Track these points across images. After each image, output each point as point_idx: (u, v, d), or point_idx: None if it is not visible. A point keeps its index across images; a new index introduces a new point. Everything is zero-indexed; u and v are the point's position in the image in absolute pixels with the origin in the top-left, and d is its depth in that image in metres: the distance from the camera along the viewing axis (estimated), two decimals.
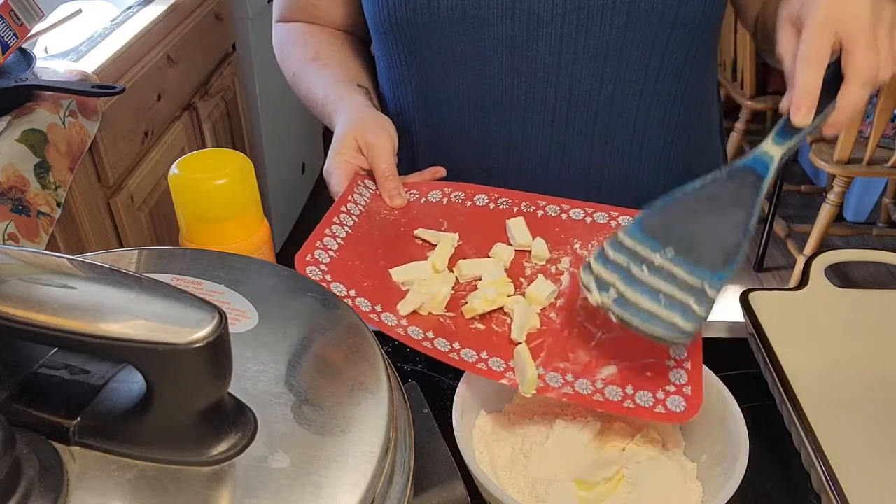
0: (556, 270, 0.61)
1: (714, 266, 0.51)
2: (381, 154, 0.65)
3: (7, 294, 0.28)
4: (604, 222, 0.64)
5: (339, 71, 0.75)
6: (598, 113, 0.68)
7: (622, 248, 0.53)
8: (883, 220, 2.38)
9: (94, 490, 0.28)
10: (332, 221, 0.63)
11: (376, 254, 0.61)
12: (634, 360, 0.53)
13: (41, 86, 1.09)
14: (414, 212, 0.66)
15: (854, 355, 0.63)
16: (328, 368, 0.35)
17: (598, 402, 0.51)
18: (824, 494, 0.51)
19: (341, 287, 0.56)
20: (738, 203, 0.53)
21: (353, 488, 0.29)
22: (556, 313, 0.57)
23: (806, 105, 0.52)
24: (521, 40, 0.65)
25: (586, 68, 0.66)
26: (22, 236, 1.01)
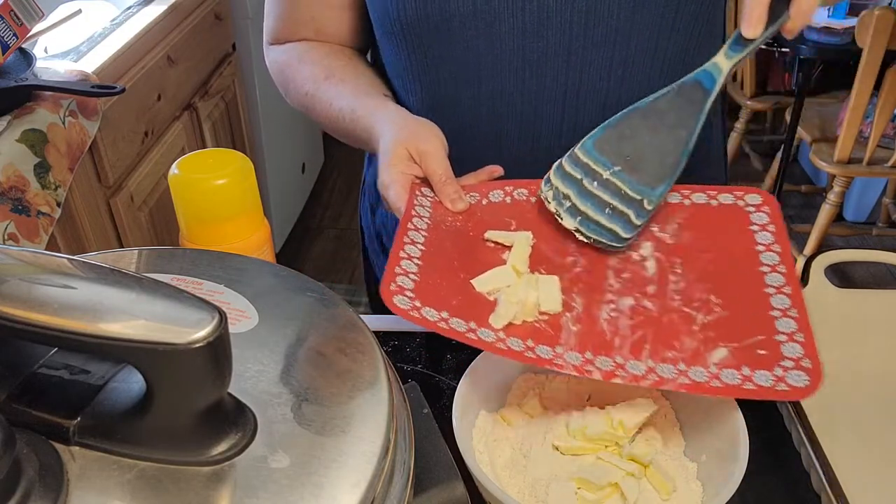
0: (640, 257, 0.60)
1: (653, 182, 0.58)
2: (435, 159, 0.63)
3: (7, 294, 0.28)
4: (676, 202, 0.62)
5: (360, 84, 0.73)
6: (608, 97, 0.69)
7: (578, 163, 0.60)
8: (883, 220, 2.38)
9: (94, 490, 0.28)
10: (403, 241, 0.58)
11: (454, 266, 0.58)
12: (742, 339, 0.52)
13: (41, 86, 1.09)
14: (479, 215, 0.63)
15: (854, 355, 0.63)
16: (328, 368, 0.35)
17: (717, 389, 0.49)
18: (824, 494, 0.51)
19: (433, 312, 0.52)
20: (683, 120, 0.58)
21: (353, 488, 0.29)
22: (650, 301, 0.55)
23: (756, 16, 0.54)
24: (531, 31, 0.65)
25: (596, 54, 0.66)
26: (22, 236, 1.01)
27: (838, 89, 2.28)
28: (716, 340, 0.52)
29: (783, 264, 0.56)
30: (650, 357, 0.51)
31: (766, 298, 0.54)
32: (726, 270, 0.57)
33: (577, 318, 0.54)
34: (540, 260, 0.60)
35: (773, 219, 0.60)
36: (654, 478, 0.50)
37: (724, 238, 0.60)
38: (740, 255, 0.58)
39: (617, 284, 0.57)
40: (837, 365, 0.62)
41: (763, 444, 0.58)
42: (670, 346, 0.52)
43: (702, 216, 0.61)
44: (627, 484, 0.49)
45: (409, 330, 0.70)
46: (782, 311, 0.53)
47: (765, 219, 0.60)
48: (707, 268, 0.58)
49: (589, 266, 0.59)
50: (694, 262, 0.58)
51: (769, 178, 2.36)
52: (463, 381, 0.54)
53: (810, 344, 0.51)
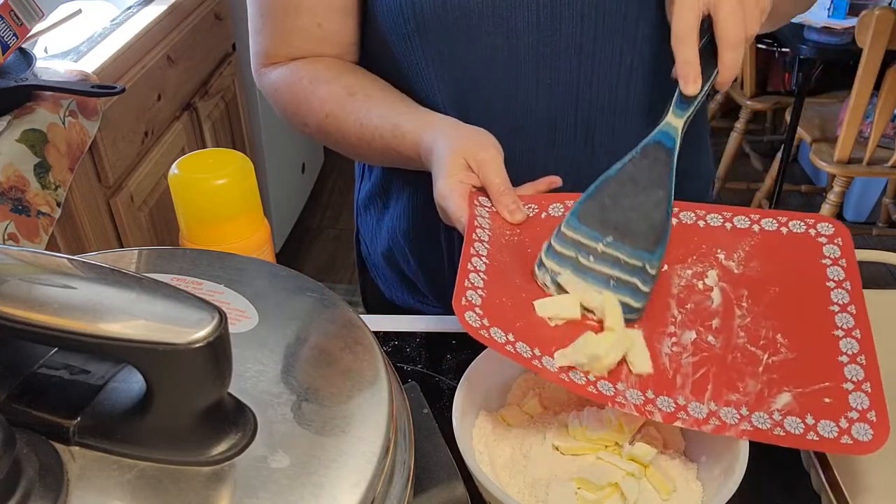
0: (704, 286, 0.57)
1: (648, 245, 0.57)
2: (493, 169, 0.61)
3: (7, 294, 0.28)
4: (744, 227, 0.59)
5: (391, 98, 0.71)
6: (619, 86, 0.70)
7: (567, 240, 0.57)
8: (883, 220, 2.38)
9: (94, 490, 0.28)
10: (470, 254, 0.56)
11: (516, 284, 0.56)
12: (808, 385, 0.50)
13: (41, 86, 1.09)
14: (537, 229, 0.61)
15: None
16: (328, 368, 0.35)
17: (779, 437, 0.48)
18: (824, 494, 0.51)
19: (500, 333, 0.51)
20: (656, 181, 0.59)
21: (353, 488, 0.29)
22: (714, 336, 0.53)
23: (691, 77, 0.58)
24: (545, 24, 0.66)
25: (606, 45, 0.68)
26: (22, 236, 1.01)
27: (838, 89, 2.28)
28: (780, 384, 0.50)
29: (854, 304, 0.54)
30: (712, 399, 0.50)
31: (835, 342, 0.52)
32: (795, 307, 0.54)
33: None
34: None
35: (844, 253, 0.56)
36: (654, 478, 0.50)
37: (794, 270, 0.56)
38: (810, 292, 0.55)
39: (680, 316, 0.55)
40: None
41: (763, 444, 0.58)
42: (734, 387, 0.50)
43: (771, 244, 0.58)
44: (627, 484, 0.49)
45: (409, 330, 0.70)
46: (850, 357, 0.51)
47: (837, 252, 0.57)
48: (775, 303, 0.55)
49: (651, 294, 0.56)
50: (761, 296, 0.55)
51: (769, 178, 2.37)
52: (463, 381, 0.54)
53: (878, 395, 0.48)
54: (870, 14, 1.72)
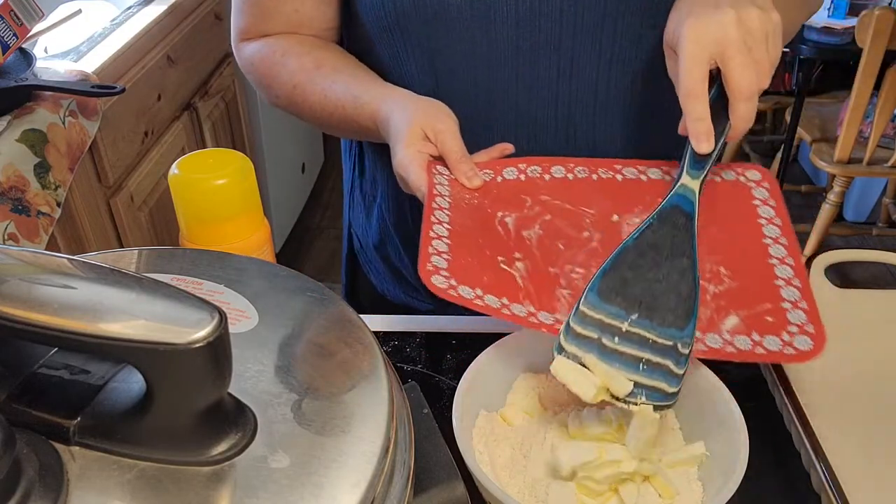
0: None
1: (678, 322, 0.52)
2: (450, 138, 0.64)
3: (7, 294, 0.28)
4: None
5: (357, 72, 0.72)
6: (598, 82, 0.70)
7: (587, 320, 0.52)
8: (883, 220, 2.38)
9: (94, 490, 0.28)
10: (431, 221, 0.59)
11: (479, 244, 0.59)
12: (751, 307, 0.55)
13: (41, 86, 1.09)
14: (494, 192, 0.64)
15: (854, 355, 0.63)
16: (328, 368, 0.35)
17: (732, 354, 0.52)
18: (824, 494, 0.51)
19: (468, 290, 0.54)
20: (678, 248, 0.55)
21: (353, 488, 0.29)
22: None
23: (703, 134, 0.56)
24: (524, 19, 0.67)
25: (585, 40, 0.68)
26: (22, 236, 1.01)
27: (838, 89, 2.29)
28: (727, 309, 0.55)
29: (784, 237, 0.59)
30: None
31: (770, 269, 0.57)
32: (733, 243, 0.60)
33: None
34: (557, 236, 0.60)
35: (773, 194, 0.63)
36: (656, 480, 0.50)
37: (729, 212, 0.62)
38: (745, 229, 0.61)
39: None
40: (837, 365, 0.62)
41: (763, 444, 0.58)
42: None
43: (707, 192, 0.62)
44: (627, 490, 0.49)
45: (409, 330, 0.70)
46: (786, 281, 0.56)
47: (765, 194, 0.63)
48: (715, 241, 0.59)
49: (604, 241, 0.59)
50: (702, 236, 0.58)
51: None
52: (463, 381, 0.54)
53: (813, 311, 0.54)
54: (870, 14, 1.72)
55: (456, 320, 0.72)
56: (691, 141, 0.56)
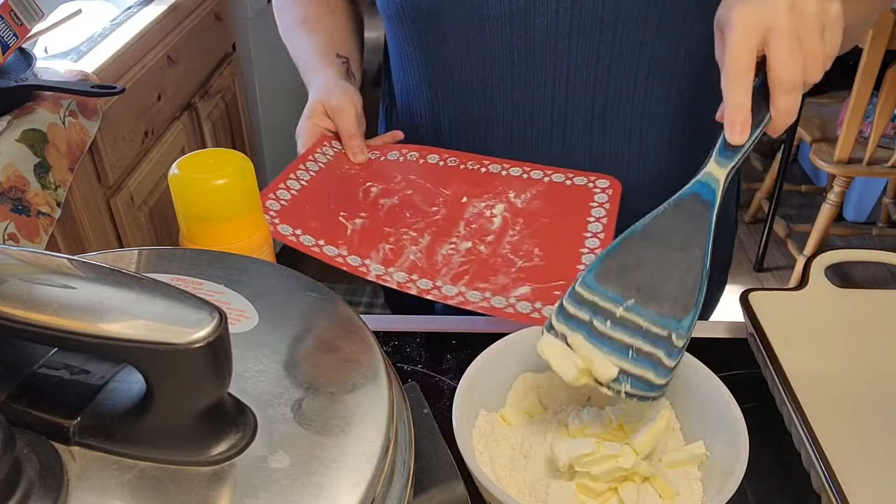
0: (490, 214, 0.69)
1: (677, 312, 0.50)
2: (345, 116, 0.74)
3: (7, 294, 0.28)
4: (539, 178, 0.72)
5: (321, 39, 0.81)
6: (596, 86, 0.70)
7: (582, 301, 0.51)
8: (883, 220, 2.38)
9: (94, 490, 0.28)
10: (287, 177, 0.71)
11: (328, 200, 0.69)
12: (546, 282, 0.62)
13: (41, 86, 1.09)
14: (373, 168, 0.74)
15: (854, 355, 0.63)
16: (328, 368, 0.35)
17: (509, 314, 0.59)
18: (824, 494, 0.51)
19: (287, 228, 0.64)
20: (691, 239, 0.51)
21: (353, 488, 0.29)
22: (485, 246, 0.66)
23: (738, 125, 0.51)
24: (518, 18, 0.67)
25: (582, 43, 0.68)
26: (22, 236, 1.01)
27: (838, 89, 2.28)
28: (524, 281, 0.62)
29: (604, 233, 0.66)
30: (465, 285, 0.62)
31: (578, 256, 0.64)
32: (557, 232, 0.67)
33: (420, 251, 0.65)
34: (408, 206, 0.70)
35: (612, 199, 0.69)
36: (656, 480, 0.50)
37: (565, 208, 0.69)
38: (573, 223, 0.68)
39: (464, 231, 0.67)
40: (837, 365, 0.62)
41: (763, 444, 0.58)
42: (486, 279, 0.62)
43: (554, 191, 0.71)
44: (627, 491, 0.49)
45: (410, 330, 0.70)
46: (586, 266, 0.58)
47: (605, 198, 0.70)
48: (542, 228, 0.66)
49: (447, 215, 0.69)
50: (533, 223, 0.67)
51: (769, 178, 2.36)
52: (463, 381, 0.54)
53: None
54: None
55: (456, 320, 0.72)
56: (725, 129, 0.52)
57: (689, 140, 0.75)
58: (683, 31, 0.68)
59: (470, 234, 0.67)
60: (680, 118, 0.73)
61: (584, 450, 0.49)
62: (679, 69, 0.70)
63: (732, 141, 0.52)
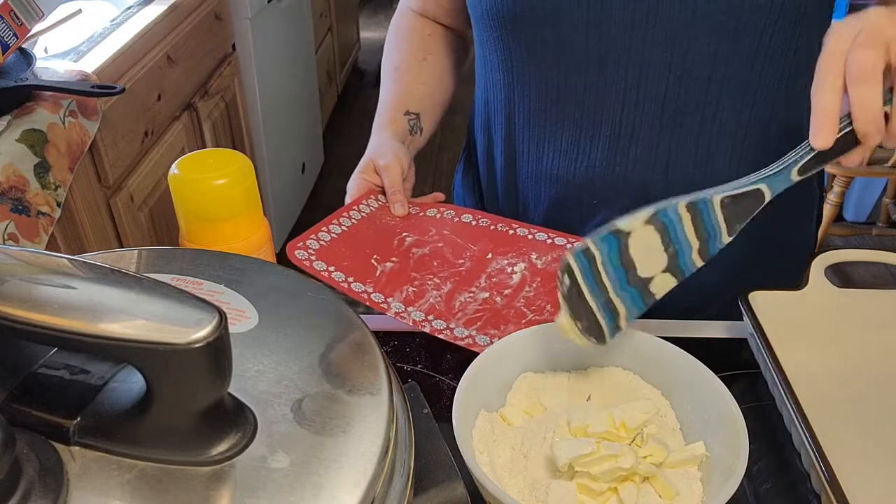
0: (511, 271, 0.73)
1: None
2: (391, 174, 0.80)
3: (7, 294, 0.28)
4: (562, 244, 0.76)
5: (398, 92, 0.87)
6: (667, 96, 0.70)
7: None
8: (883, 220, 2.38)
9: (94, 490, 0.28)
10: (331, 222, 0.75)
11: (364, 244, 0.74)
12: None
13: (41, 86, 1.09)
14: (411, 221, 0.80)
15: (854, 355, 0.63)
16: (328, 368, 0.35)
17: None
18: (824, 494, 0.51)
19: (322, 264, 0.69)
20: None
21: (353, 488, 0.29)
22: (501, 298, 0.69)
23: (824, 127, 0.51)
24: (594, 24, 0.68)
25: (656, 51, 0.68)
26: (22, 236, 1.01)
27: None
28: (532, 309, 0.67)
29: None
30: (477, 330, 0.65)
31: None
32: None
33: (440, 296, 0.69)
34: (437, 256, 0.74)
35: None
36: (656, 481, 0.50)
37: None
38: None
39: (484, 283, 0.71)
40: (837, 365, 0.62)
41: (763, 444, 0.58)
42: (496, 326, 0.65)
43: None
44: (627, 489, 0.49)
45: (410, 330, 0.70)
46: None
47: None
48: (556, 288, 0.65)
49: (471, 268, 0.73)
50: (549, 283, 0.70)
51: None
52: (463, 381, 0.54)
53: None
54: None
55: None
56: (810, 132, 0.52)
57: (758, 155, 0.74)
58: (759, 46, 0.67)
59: (489, 287, 0.71)
60: (750, 133, 0.73)
61: (584, 450, 0.49)
62: (752, 84, 0.70)
63: (815, 144, 0.52)
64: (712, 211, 0.54)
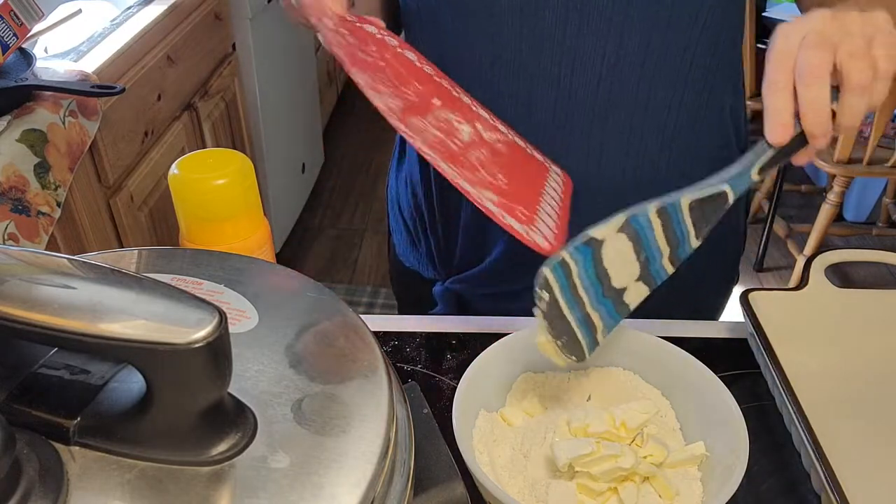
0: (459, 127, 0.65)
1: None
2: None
3: (7, 294, 0.28)
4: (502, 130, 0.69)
5: None
6: (600, 85, 0.70)
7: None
8: (883, 220, 2.38)
9: (94, 490, 0.28)
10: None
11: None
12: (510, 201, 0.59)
13: (41, 86, 1.09)
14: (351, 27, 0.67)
15: (854, 355, 0.63)
16: (328, 368, 0.35)
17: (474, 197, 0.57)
18: (824, 494, 0.51)
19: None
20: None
21: (353, 488, 0.29)
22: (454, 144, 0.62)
23: (779, 125, 0.52)
24: (529, 9, 0.68)
25: (589, 40, 0.68)
26: (22, 236, 1.01)
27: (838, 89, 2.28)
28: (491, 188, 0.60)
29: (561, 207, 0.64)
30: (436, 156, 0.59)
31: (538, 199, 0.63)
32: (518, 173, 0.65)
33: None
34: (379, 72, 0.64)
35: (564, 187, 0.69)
36: (656, 481, 0.50)
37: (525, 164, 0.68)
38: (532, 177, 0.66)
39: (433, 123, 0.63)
40: (837, 365, 0.62)
41: (763, 444, 0.58)
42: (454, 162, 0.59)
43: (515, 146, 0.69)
44: (627, 489, 0.49)
45: (409, 330, 0.70)
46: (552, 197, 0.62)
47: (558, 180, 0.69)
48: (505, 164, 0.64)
49: (418, 103, 0.64)
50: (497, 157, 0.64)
51: (769, 178, 2.37)
52: (463, 381, 0.54)
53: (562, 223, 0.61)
54: None
55: (456, 320, 0.72)
56: (765, 130, 0.53)
57: (690, 145, 0.75)
58: (691, 35, 0.68)
59: (439, 128, 0.63)
60: (682, 123, 0.73)
61: (584, 450, 0.49)
62: (684, 74, 0.70)
63: (771, 140, 0.53)
64: (681, 214, 0.54)
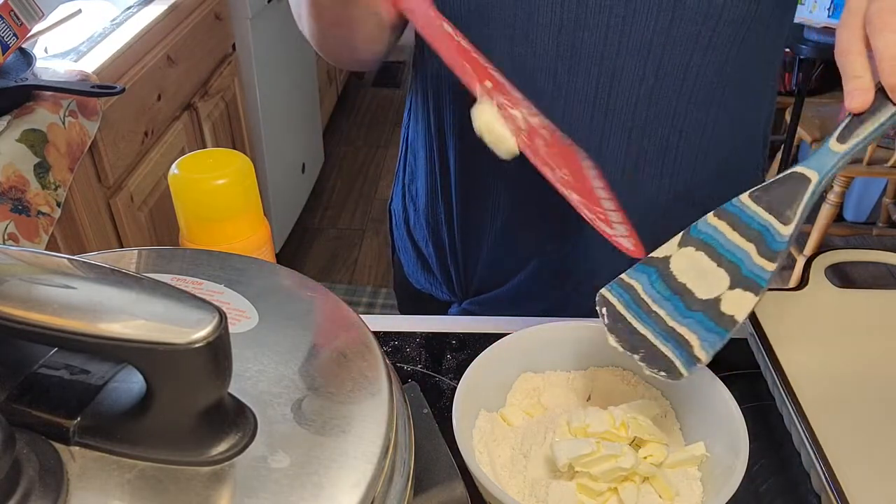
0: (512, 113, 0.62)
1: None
2: None
3: (7, 294, 0.28)
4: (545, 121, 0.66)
5: None
6: (637, 106, 0.69)
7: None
8: (883, 220, 2.38)
9: (94, 490, 0.28)
10: None
11: None
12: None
13: (41, 86, 1.09)
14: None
15: (854, 355, 0.63)
16: (328, 368, 0.35)
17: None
18: (824, 494, 0.51)
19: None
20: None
21: (353, 488, 0.29)
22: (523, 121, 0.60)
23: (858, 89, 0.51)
24: (568, 29, 0.66)
25: (629, 61, 0.67)
26: (22, 236, 1.01)
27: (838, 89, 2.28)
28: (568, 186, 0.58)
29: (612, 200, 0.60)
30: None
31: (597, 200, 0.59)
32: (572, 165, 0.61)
33: None
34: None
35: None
36: (656, 481, 0.50)
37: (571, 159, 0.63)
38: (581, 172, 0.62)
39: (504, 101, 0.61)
40: (837, 365, 0.62)
41: (763, 444, 0.58)
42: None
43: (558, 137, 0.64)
44: (627, 489, 0.49)
45: (409, 330, 0.70)
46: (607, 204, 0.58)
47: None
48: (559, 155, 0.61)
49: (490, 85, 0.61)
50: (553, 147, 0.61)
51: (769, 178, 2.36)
52: (463, 381, 0.54)
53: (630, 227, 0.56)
54: None
55: (456, 320, 0.72)
56: (845, 99, 0.51)
57: (726, 164, 0.74)
58: (730, 54, 0.67)
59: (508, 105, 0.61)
60: (717, 143, 0.73)
61: (584, 450, 0.49)
62: (721, 93, 0.70)
63: (851, 108, 0.51)
64: (746, 209, 0.52)
